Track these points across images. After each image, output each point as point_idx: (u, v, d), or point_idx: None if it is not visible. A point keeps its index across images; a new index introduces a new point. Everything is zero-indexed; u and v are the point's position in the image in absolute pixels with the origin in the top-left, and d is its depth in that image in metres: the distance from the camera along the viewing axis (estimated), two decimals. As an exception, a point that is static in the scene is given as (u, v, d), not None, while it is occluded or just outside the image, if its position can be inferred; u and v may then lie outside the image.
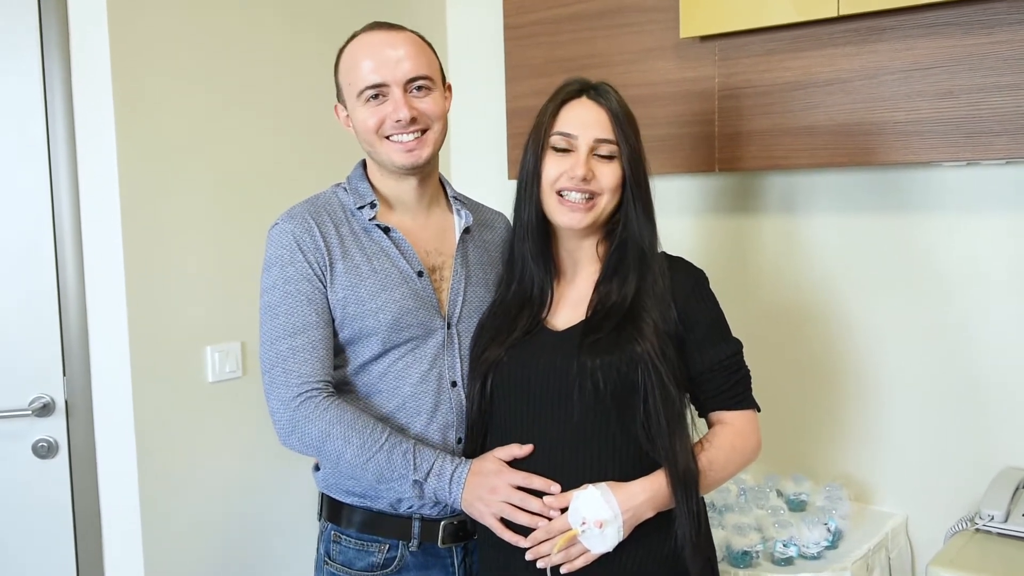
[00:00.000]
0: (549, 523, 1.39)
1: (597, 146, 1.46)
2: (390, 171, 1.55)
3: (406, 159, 1.51)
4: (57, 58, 1.94)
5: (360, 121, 1.51)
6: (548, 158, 1.48)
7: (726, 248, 2.24)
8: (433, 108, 1.52)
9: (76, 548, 2.02)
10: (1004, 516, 1.74)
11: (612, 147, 1.46)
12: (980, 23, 1.69)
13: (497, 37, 2.47)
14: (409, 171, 1.53)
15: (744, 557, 1.80)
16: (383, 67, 1.48)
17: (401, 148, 1.50)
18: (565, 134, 1.47)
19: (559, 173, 1.47)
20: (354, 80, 1.50)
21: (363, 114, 1.50)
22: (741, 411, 1.51)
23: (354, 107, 1.52)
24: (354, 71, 1.50)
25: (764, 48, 1.94)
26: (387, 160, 1.52)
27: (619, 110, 1.47)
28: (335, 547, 1.56)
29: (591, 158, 1.46)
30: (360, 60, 1.50)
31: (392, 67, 1.48)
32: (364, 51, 1.50)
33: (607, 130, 1.46)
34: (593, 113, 1.47)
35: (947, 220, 1.94)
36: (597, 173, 1.46)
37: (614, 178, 1.47)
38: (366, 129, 1.51)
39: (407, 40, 1.52)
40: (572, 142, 1.47)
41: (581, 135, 1.46)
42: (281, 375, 1.45)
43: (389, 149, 1.51)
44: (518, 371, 1.47)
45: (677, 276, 1.49)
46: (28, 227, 1.96)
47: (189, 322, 2.08)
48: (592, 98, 1.48)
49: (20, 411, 1.97)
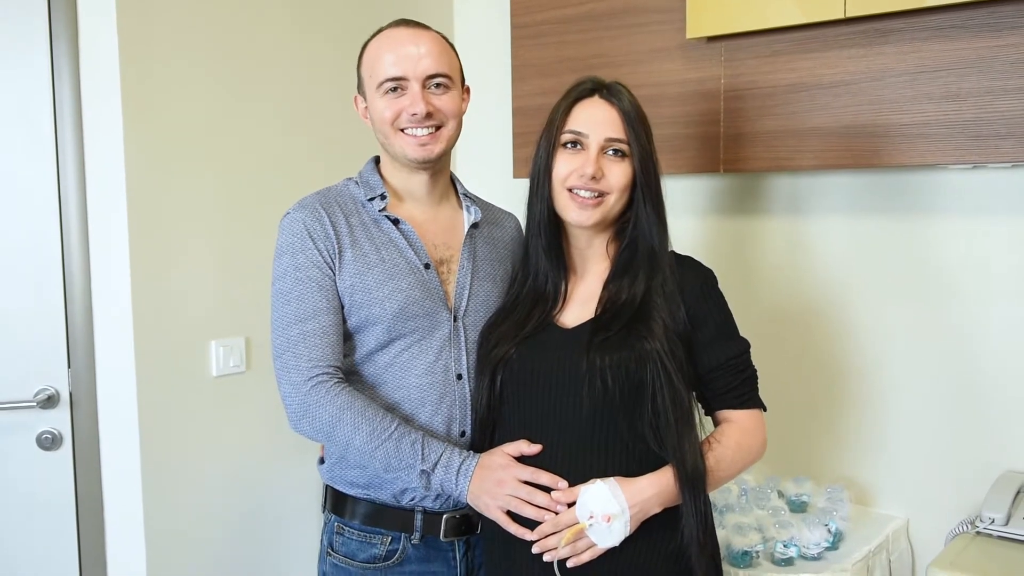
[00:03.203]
0: (556, 516, 1.39)
1: (608, 145, 1.47)
2: (402, 164, 1.57)
3: (418, 152, 1.53)
4: (66, 56, 1.95)
5: (377, 112, 1.54)
6: (559, 155, 1.50)
7: (730, 249, 2.24)
8: (449, 106, 1.55)
9: (79, 539, 2.03)
10: (1005, 519, 1.74)
11: (623, 146, 1.47)
12: (987, 26, 1.69)
13: (504, 36, 2.47)
14: (421, 165, 1.55)
15: (744, 557, 1.80)
16: (404, 61, 1.51)
17: (415, 142, 1.53)
18: (576, 132, 1.48)
19: (569, 171, 1.48)
20: (375, 72, 1.53)
21: (380, 105, 1.53)
22: (747, 410, 1.51)
23: (372, 98, 1.55)
24: (376, 63, 1.53)
25: (770, 49, 1.95)
26: (400, 152, 1.54)
27: (631, 110, 1.48)
28: (338, 539, 1.57)
29: (601, 157, 1.47)
30: (383, 53, 1.53)
31: (413, 62, 1.51)
32: (387, 45, 1.53)
33: (619, 129, 1.47)
34: (605, 112, 1.48)
35: (952, 223, 1.94)
36: (607, 172, 1.47)
37: (624, 177, 1.48)
38: (382, 120, 1.53)
39: (431, 38, 1.55)
40: (583, 140, 1.47)
41: (592, 134, 1.47)
42: (292, 360, 1.47)
43: (403, 142, 1.53)
44: (527, 367, 1.48)
45: (686, 275, 1.50)
46: (35, 221, 1.97)
47: (194, 316, 2.09)
48: (604, 97, 1.49)
49: (25, 403, 1.98)
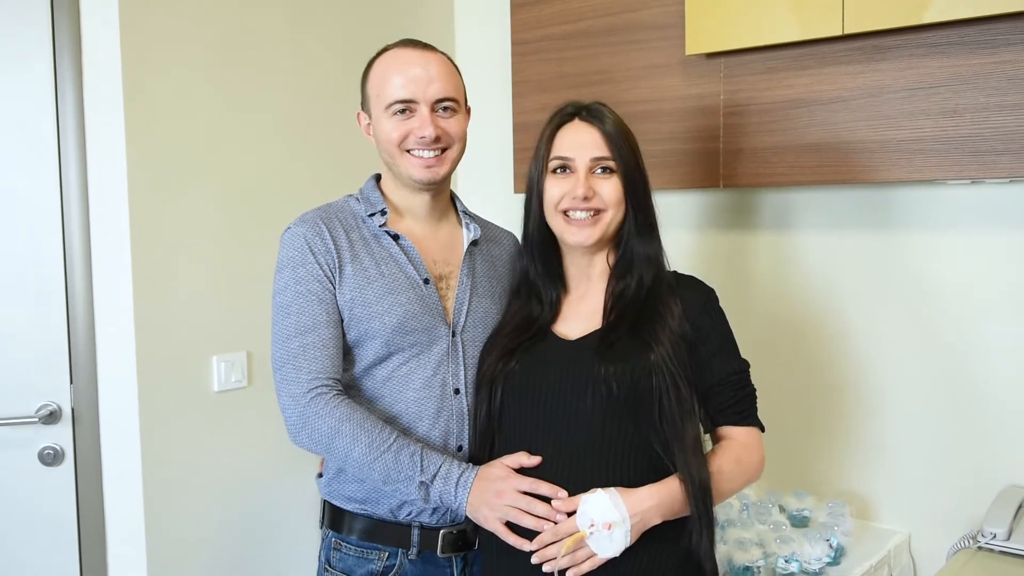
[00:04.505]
0: (556, 526, 1.39)
1: (595, 165, 1.50)
2: (404, 183, 1.58)
3: (424, 174, 1.54)
4: (68, 65, 1.96)
5: (384, 132, 1.55)
6: (549, 180, 1.52)
7: (730, 264, 2.24)
8: (456, 129, 1.56)
9: (80, 555, 2.03)
10: (1007, 534, 1.74)
11: (610, 163, 1.50)
12: (984, 43, 1.70)
13: (504, 52, 2.49)
14: (426, 186, 1.57)
15: (746, 572, 1.80)
16: (413, 84, 1.52)
17: (421, 163, 1.54)
18: (563, 157, 1.51)
19: (561, 194, 1.50)
20: (383, 93, 1.54)
21: (388, 126, 1.54)
22: (747, 427, 1.52)
23: (379, 118, 1.55)
24: (384, 84, 1.54)
25: (768, 66, 1.96)
26: (405, 173, 1.55)
27: (612, 128, 1.50)
28: (335, 554, 1.57)
29: (590, 176, 1.50)
30: (391, 74, 1.53)
31: (423, 86, 1.52)
32: (396, 66, 1.54)
33: (602, 148, 1.49)
34: (587, 134, 1.50)
35: (950, 238, 1.94)
36: (598, 190, 1.49)
37: (615, 192, 1.50)
38: (389, 141, 1.54)
39: (439, 61, 1.56)
40: (570, 164, 1.50)
41: (578, 156, 1.50)
42: (292, 372, 1.47)
43: (409, 163, 1.54)
44: (529, 380, 1.48)
45: (687, 293, 1.52)
46: (37, 235, 1.98)
47: (195, 332, 2.10)
48: (585, 119, 1.52)
49: (27, 418, 1.98)
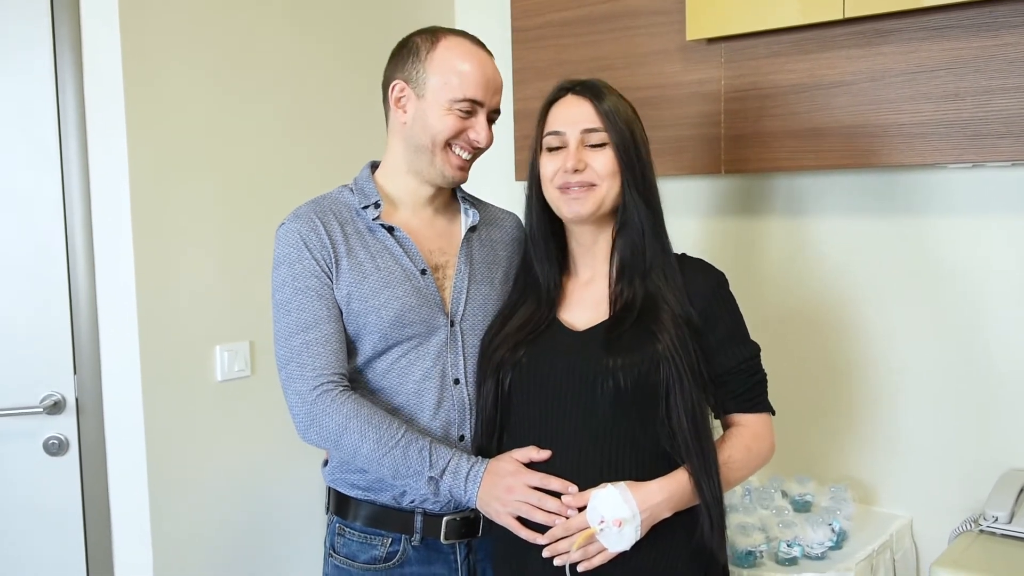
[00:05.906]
0: (567, 521, 1.39)
1: (586, 137, 1.48)
2: (424, 176, 1.56)
3: (458, 176, 1.56)
4: (69, 60, 1.96)
5: (437, 121, 1.51)
6: (544, 158, 1.52)
7: (732, 250, 2.24)
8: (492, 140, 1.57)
9: (86, 544, 2.04)
10: (1008, 517, 1.74)
11: (601, 135, 1.48)
12: (985, 26, 1.70)
13: (504, 40, 2.48)
14: (448, 184, 1.58)
15: (748, 557, 1.80)
16: (487, 88, 1.53)
17: (458, 163, 1.54)
18: (555, 132, 1.50)
19: (555, 169, 1.49)
20: (456, 84, 1.51)
21: (447, 119, 1.51)
22: (757, 414, 1.52)
23: (436, 104, 1.51)
24: (459, 76, 1.51)
25: (770, 50, 1.95)
26: (437, 168, 1.54)
27: (605, 100, 1.48)
28: (339, 540, 1.58)
29: (582, 149, 1.48)
30: (470, 71, 1.51)
31: (493, 92, 1.54)
32: (473, 63, 1.52)
33: (593, 120, 1.48)
34: (578, 107, 1.49)
35: (952, 222, 1.94)
36: (590, 161, 1.47)
37: (608, 163, 1.48)
38: (439, 132, 1.51)
39: (497, 69, 1.58)
40: (563, 138, 1.49)
41: (568, 130, 1.48)
42: (297, 369, 1.47)
43: (447, 160, 1.53)
44: (538, 371, 1.48)
45: (697, 276, 1.51)
46: (40, 227, 1.98)
47: (198, 321, 2.10)
48: (577, 93, 1.51)
49: (31, 409, 1.99)
